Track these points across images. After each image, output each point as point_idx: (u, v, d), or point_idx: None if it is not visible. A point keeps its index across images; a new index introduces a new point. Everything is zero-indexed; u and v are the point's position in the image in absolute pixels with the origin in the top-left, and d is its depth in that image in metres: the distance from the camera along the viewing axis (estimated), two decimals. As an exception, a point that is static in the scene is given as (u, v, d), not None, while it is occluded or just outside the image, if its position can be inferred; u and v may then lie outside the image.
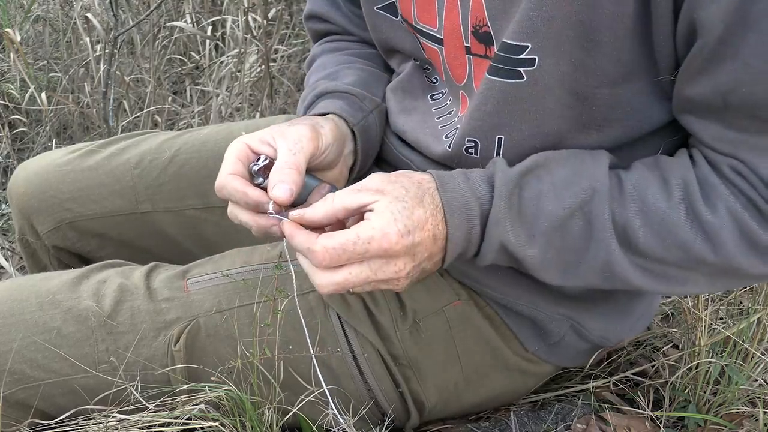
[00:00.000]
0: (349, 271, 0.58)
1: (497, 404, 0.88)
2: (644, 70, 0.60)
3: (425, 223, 0.59)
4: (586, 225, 0.61)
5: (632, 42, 0.58)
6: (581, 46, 0.59)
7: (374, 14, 0.76)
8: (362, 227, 0.57)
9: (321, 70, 0.85)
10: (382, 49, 0.82)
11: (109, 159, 0.92)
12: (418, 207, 0.59)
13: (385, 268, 0.59)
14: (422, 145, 0.74)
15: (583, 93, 0.62)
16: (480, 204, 0.61)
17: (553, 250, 0.62)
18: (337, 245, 0.57)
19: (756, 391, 0.89)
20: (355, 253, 0.57)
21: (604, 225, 0.61)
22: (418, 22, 0.70)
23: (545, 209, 0.61)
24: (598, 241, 0.61)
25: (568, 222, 0.61)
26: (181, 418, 0.71)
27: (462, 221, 0.61)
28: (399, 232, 0.57)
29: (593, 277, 0.64)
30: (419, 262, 0.60)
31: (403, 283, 0.61)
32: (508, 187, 0.61)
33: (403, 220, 0.58)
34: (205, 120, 1.70)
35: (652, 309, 0.85)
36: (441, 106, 0.74)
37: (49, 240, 0.94)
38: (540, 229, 0.61)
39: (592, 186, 0.61)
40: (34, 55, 2.04)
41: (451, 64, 0.70)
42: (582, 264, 0.63)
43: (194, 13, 1.98)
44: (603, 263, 0.62)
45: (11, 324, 0.71)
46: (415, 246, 0.59)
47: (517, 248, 0.62)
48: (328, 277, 0.59)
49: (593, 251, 0.62)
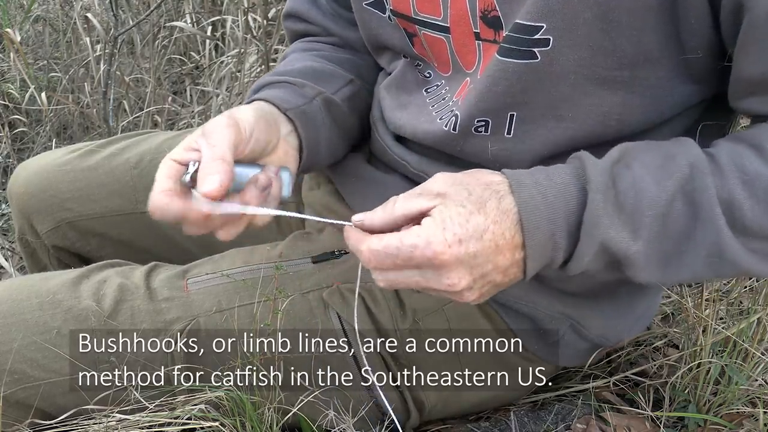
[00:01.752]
0: (400, 272, 0.55)
1: (497, 404, 0.88)
2: (666, 51, 0.58)
3: (484, 231, 0.53)
4: (689, 206, 0.54)
5: (654, 21, 0.56)
6: (600, 28, 0.57)
7: (363, 10, 0.76)
8: (408, 233, 0.54)
9: (282, 67, 0.82)
10: (371, 46, 0.81)
11: (108, 159, 0.92)
12: (478, 214, 0.54)
13: (437, 279, 0.54)
14: (419, 134, 0.73)
15: (601, 77, 0.60)
16: (566, 203, 0.55)
17: (656, 243, 0.55)
18: (381, 248, 0.54)
19: (756, 391, 0.89)
20: (400, 258, 0.53)
21: (710, 202, 0.54)
22: (418, 14, 0.69)
23: (645, 197, 0.54)
24: (704, 222, 0.54)
25: (671, 207, 0.54)
26: (181, 418, 0.71)
27: (543, 222, 0.54)
28: (446, 241, 0.52)
29: (697, 266, 0.57)
30: (482, 275, 0.55)
31: (469, 297, 0.56)
32: (603, 179, 0.54)
33: (453, 228, 0.53)
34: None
35: (652, 309, 0.85)
36: (435, 95, 0.74)
37: (48, 240, 0.94)
38: (644, 220, 0.54)
39: (689, 162, 0.55)
40: (34, 55, 2.04)
41: (460, 51, 0.69)
42: (686, 252, 0.56)
43: (194, 13, 1.98)
44: (711, 247, 0.55)
45: (11, 324, 0.71)
46: (471, 257, 0.53)
47: (621, 246, 0.55)
48: (380, 274, 0.56)
49: (700, 235, 0.55)
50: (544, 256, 0.56)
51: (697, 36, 0.57)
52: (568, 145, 0.64)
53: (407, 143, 0.77)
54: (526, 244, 0.54)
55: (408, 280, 0.55)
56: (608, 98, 0.61)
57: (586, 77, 0.60)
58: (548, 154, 0.65)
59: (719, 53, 0.60)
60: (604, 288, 0.75)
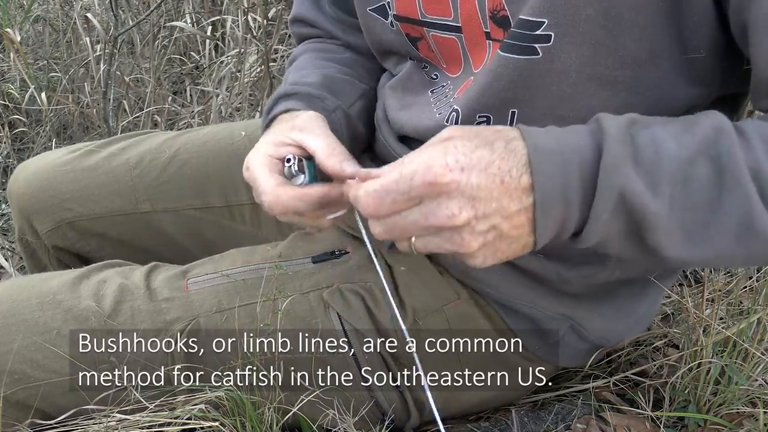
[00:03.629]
0: (398, 215, 0.51)
1: (497, 404, 0.88)
2: (669, 50, 0.58)
3: (489, 164, 0.49)
4: (715, 171, 0.50)
5: (657, 19, 0.56)
6: (601, 25, 0.57)
7: (367, 15, 0.76)
8: (408, 163, 0.50)
9: (297, 71, 0.83)
10: (376, 51, 0.81)
11: (108, 159, 0.92)
12: (483, 148, 0.50)
13: (436, 210, 0.49)
14: (421, 130, 0.72)
15: (603, 77, 0.59)
16: (580, 152, 0.50)
17: (678, 206, 0.50)
18: (378, 187, 0.50)
19: (756, 391, 0.89)
20: (399, 192, 0.50)
21: (737, 166, 0.49)
22: (426, 16, 0.69)
23: (666, 153, 0.50)
24: (731, 189, 0.50)
25: (693, 169, 0.50)
26: (181, 418, 0.71)
27: (555, 170, 0.49)
28: (447, 165, 0.49)
29: (724, 240, 0.51)
30: (485, 213, 0.50)
31: (472, 243, 0.51)
32: (620, 131, 0.51)
33: (455, 154, 0.49)
34: (205, 120, 1.70)
35: (652, 310, 0.85)
36: (439, 94, 0.74)
37: (48, 240, 0.94)
38: (664, 176, 0.50)
39: (714, 125, 0.51)
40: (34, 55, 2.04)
41: (472, 50, 0.68)
42: (713, 223, 0.51)
43: (194, 13, 1.98)
44: (740, 217, 0.50)
45: (11, 324, 0.71)
46: (473, 188, 0.49)
47: (641, 200, 0.49)
48: (379, 224, 0.52)
49: (727, 202, 0.50)
50: (556, 209, 0.50)
51: (700, 35, 0.57)
52: None
53: (410, 143, 0.77)
54: (535, 187, 0.49)
55: (406, 221, 0.51)
56: (610, 99, 0.61)
57: (587, 76, 0.60)
58: None
59: (723, 53, 0.59)
60: (603, 289, 0.76)
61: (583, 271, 0.72)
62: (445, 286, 0.76)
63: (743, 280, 1.06)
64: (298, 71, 0.83)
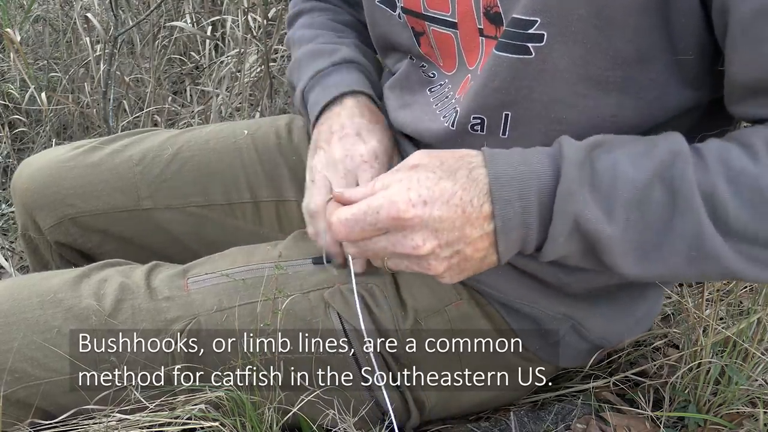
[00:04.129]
0: (369, 241, 0.56)
1: (497, 404, 0.88)
2: (660, 51, 0.58)
3: (451, 196, 0.53)
4: (668, 194, 0.52)
5: (647, 20, 0.56)
6: (594, 25, 0.57)
7: (375, 7, 0.76)
8: (374, 197, 0.55)
9: (313, 28, 0.86)
10: (379, 47, 0.82)
11: (111, 156, 0.92)
12: (447, 179, 0.54)
13: (402, 241, 0.54)
14: (422, 132, 0.73)
15: (595, 77, 0.60)
16: (538, 179, 0.53)
17: (632, 230, 0.53)
18: (350, 216, 0.55)
19: (756, 391, 0.89)
20: (367, 223, 0.54)
21: (690, 190, 0.52)
22: (428, 9, 0.70)
23: (623, 178, 0.53)
24: (683, 212, 0.52)
25: (648, 192, 0.53)
26: (181, 418, 0.71)
27: (514, 196, 0.53)
28: (409, 201, 0.53)
29: (677, 260, 0.54)
30: (448, 242, 0.54)
31: (437, 267, 0.56)
32: (578, 156, 0.53)
33: (418, 189, 0.53)
34: (205, 120, 1.70)
35: (653, 311, 0.85)
36: (439, 94, 0.74)
37: (51, 236, 0.94)
38: (619, 201, 0.52)
39: (672, 150, 0.53)
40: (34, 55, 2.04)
41: (466, 47, 0.69)
42: (665, 244, 0.53)
43: (194, 13, 1.98)
44: (691, 239, 0.52)
45: (12, 323, 0.71)
46: (436, 221, 0.53)
47: (595, 225, 0.52)
48: (352, 246, 0.58)
49: (679, 225, 0.52)
50: (516, 232, 0.54)
51: (688, 36, 0.57)
52: None
53: (412, 143, 0.77)
54: (495, 214, 0.53)
55: (376, 246, 0.56)
56: (603, 100, 0.61)
57: (580, 76, 0.60)
58: None
59: (712, 55, 0.59)
60: (604, 290, 0.76)
61: (582, 275, 0.72)
62: (447, 287, 0.76)
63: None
64: (311, 29, 0.86)
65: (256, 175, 0.92)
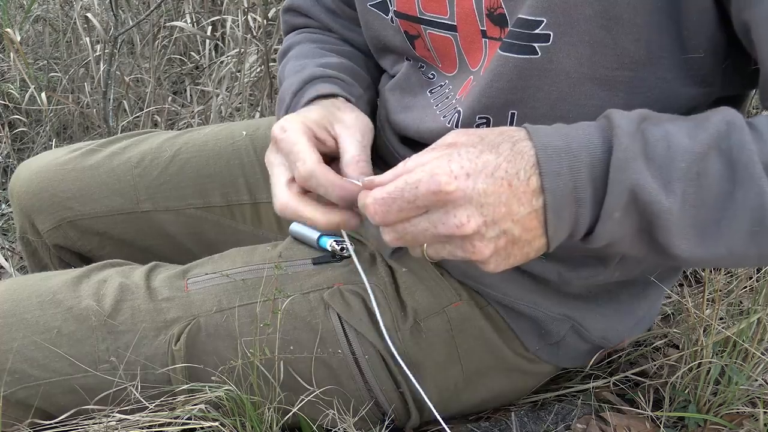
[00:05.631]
0: (408, 222, 0.51)
1: (497, 404, 0.88)
2: (668, 50, 0.57)
3: (495, 168, 0.48)
4: (727, 164, 0.49)
5: (656, 18, 0.56)
6: (601, 25, 0.57)
7: (367, 11, 0.76)
8: (412, 172, 0.50)
9: (302, 58, 0.81)
10: (374, 49, 0.81)
11: (110, 158, 0.92)
12: (489, 152, 0.49)
13: (444, 219, 0.49)
14: (423, 133, 0.73)
15: (602, 77, 0.59)
16: (589, 150, 0.49)
17: (691, 203, 0.49)
18: (385, 195, 0.50)
19: (756, 391, 0.89)
20: (405, 200, 0.49)
21: (751, 160, 0.48)
22: (424, 13, 0.69)
23: (678, 148, 0.49)
24: (744, 183, 0.48)
25: (706, 163, 0.49)
26: (181, 418, 0.71)
27: (564, 169, 0.48)
28: (451, 172, 0.48)
29: (737, 237, 0.50)
30: (494, 219, 0.49)
31: (483, 250, 0.50)
32: (631, 125, 0.49)
33: (460, 161, 0.48)
34: (205, 120, 1.70)
35: (653, 311, 0.85)
36: (439, 95, 0.74)
37: (50, 239, 0.94)
38: (676, 173, 0.48)
39: (727, 119, 0.50)
40: (34, 55, 2.04)
41: (467, 49, 0.69)
42: (725, 218, 0.49)
43: (194, 13, 1.98)
44: (753, 211, 0.49)
45: (12, 323, 0.71)
46: (480, 195, 0.48)
47: (653, 197, 0.48)
48: (389, 232, 0.52)
49: (740, 197, 0.49)
50: (568, 210, 0.49)
51: (699, 34, 0.57)
52: None
53: (413, 145, 0.77)
54: (544, 188, 0.48)
55: (416, 229, 0.51)
56: (609, 99, 0.61)
57: (586, 76, 0.60)
58: None
59: (723, 53, 0.59)
60: (604, 289, 0.76)
61: (584, 272, 0.72)
62: (446, 288, 0.76)
63: (743, 280, 1.06)
64: (299, 59, 0.81)
65: (254, 176, 0.92)
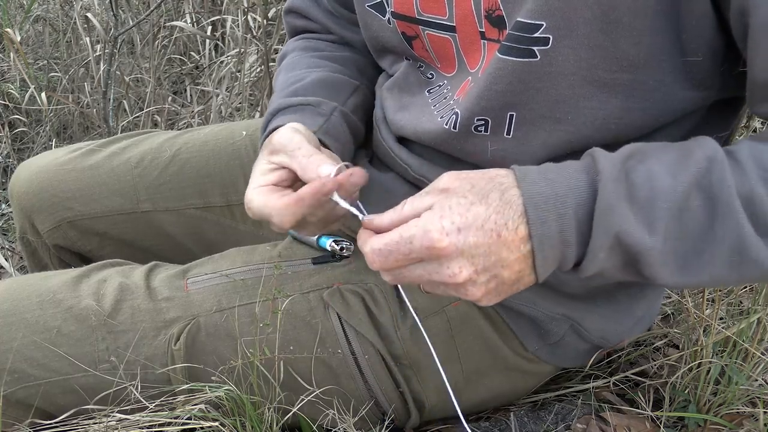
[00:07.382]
0: (404, 269, 0.54)
1: (497, 404, 0.88)
2: (667, 53, 0.58)
3: (485, 221, 0.52)
4: (707, 201, 0.51)
5: (655, 22, 0.56)
6: (600, 28, 0.57)
7: (365, 12, 0.76)
8: (407, 226, 0.53)
9: (289, 71, 0.83)
10: (373, 49, 0.81)
11: (110, 158, 0.92)
12: (479, 204, 0.52)
13: (438, 269, 0.53)
14: (420, 133, 0.73)
15: (601, 80, 0.60)
16: (575, 195, 0.52)
17: (673, 239, 0.52)
18: (382, 246, 0.53)
19: (756, 391, 0.89)
20: (401, 253, 0.53)
21: (730, 196, 0.51)
22: (422, 14, 0.69)
23: (660, 190, 0.51)
24: (724, 218, 0.51)
25: (687, 201, 0.51)
26: (181, 418, 0.71)
27: (550, 216, 0.52)
28: (443, 229, 0.51)
29: (717, 267, 0.53)
30: (485, 267, 0.53)
31: (475, 293, 0.54)
32: (615, 169, 0.52)
33: (452, 217, 0.52)
34: (205, 120, 1.70)
35: (653, 311, 0.85)
36: (437, 95, 0.74)
37: (49, 239, 0.94)
38: (658, 212, 0.51)
39: (707, 155, 0.52)
40: (34, 55, 2.04)
41: (467, 50, 0.69)
42: (706, 251, 0.52)
43: (194, 13, 1.98)
44: (731, 245, 0.52)
45: (11, 323, 0.71)
46: (471, 247, 0.52)
47: (636, 239, 0.51)
48: (387, 275, 0.56)
49: (719, 230, 0.52)
50: (554, 251, 0.53)
51: (698, 38, 0.57)
52: (566, 148, 0.65)
53: (409, 145, 0.77)
54: (531, 234, 0.52)
55: (412, 275, 0.54)
56: (608, 102, 0.61)
57: (585, 79, 0.60)
58: (547, 156, 0.65)
59: (722, 56, 0.59)
60: (602, 289, 0.75)
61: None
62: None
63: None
64: (288, 72, 0.83)
65: (254, 176, 0.92)
